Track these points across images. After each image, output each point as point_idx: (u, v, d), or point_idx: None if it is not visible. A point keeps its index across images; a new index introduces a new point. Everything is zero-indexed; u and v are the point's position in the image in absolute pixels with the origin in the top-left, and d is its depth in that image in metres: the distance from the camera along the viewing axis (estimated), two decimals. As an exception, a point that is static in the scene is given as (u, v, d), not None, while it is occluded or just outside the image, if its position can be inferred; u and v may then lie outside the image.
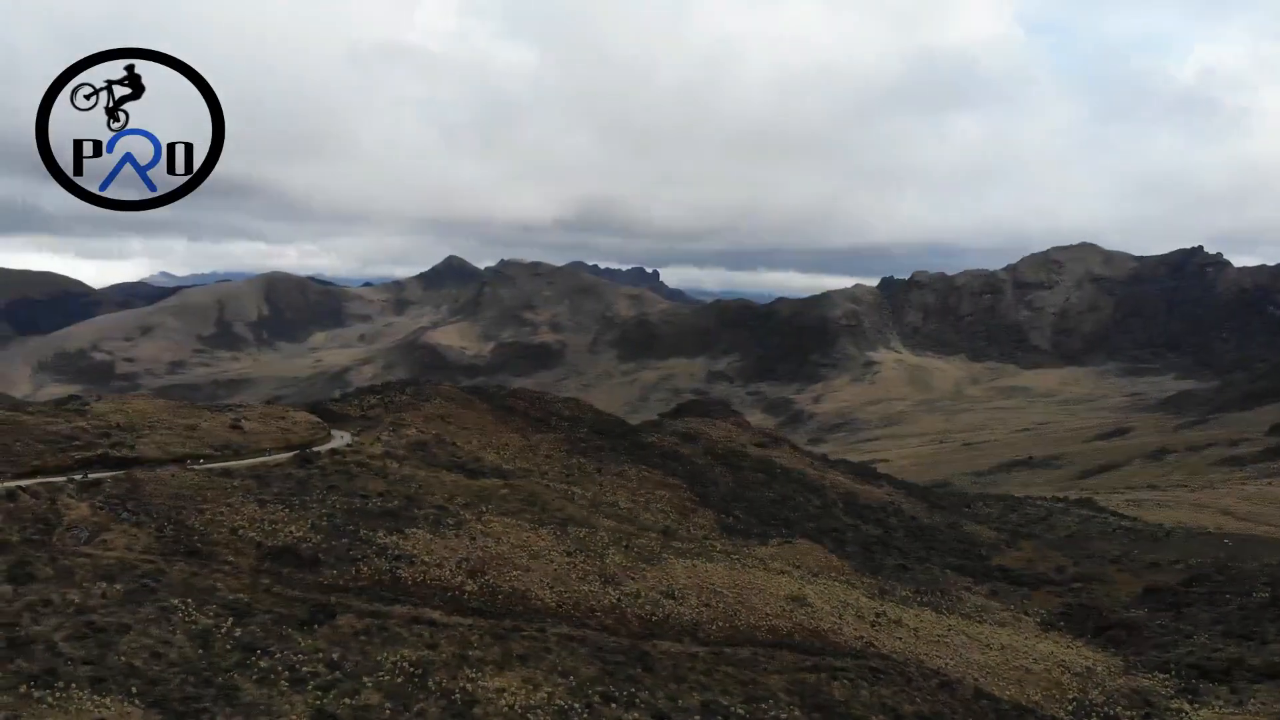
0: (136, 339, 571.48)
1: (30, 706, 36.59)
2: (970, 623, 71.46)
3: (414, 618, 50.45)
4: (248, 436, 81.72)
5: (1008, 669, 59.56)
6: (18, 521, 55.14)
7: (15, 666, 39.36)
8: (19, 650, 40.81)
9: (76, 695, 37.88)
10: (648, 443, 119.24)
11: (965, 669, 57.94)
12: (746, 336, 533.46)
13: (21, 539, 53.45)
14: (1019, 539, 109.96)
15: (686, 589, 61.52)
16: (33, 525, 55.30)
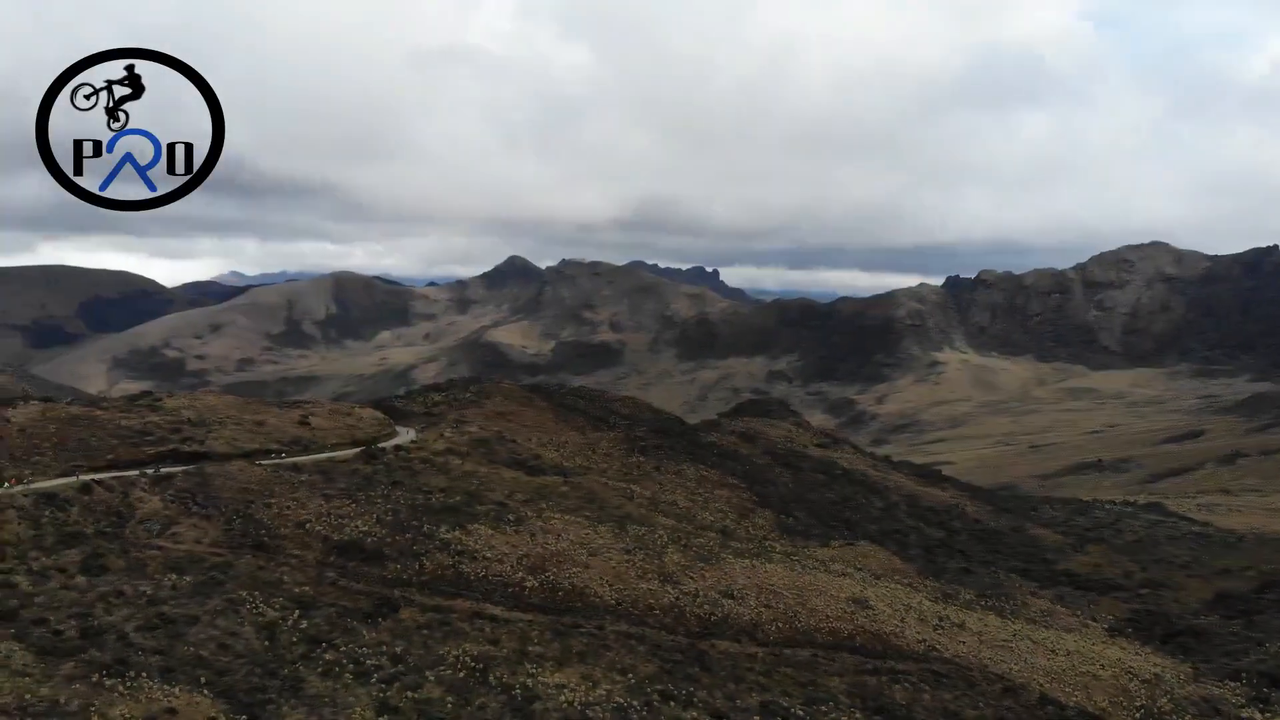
0: (207, 337, 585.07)
1: (102, 695, 37.76)
2: (1035, 628, 70.27)
3: (475, 612, 51.05)
4: (315, 432, 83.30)
5: (1074, 675, 58.46)
6: (92, 514, 56.89)
7: (88, 656, 40.65)
8: (92, 640, 42.13)
9: (146, 684, 38.99)
10: (706, 442, 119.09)
11: (1030, 674, 57.00)
12: (807, 336, 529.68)
13: (96, 531, 55.15)
14: (1086, 543, 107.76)
15: (745, 589, 61.34)
16: (106, 518, 57.02)
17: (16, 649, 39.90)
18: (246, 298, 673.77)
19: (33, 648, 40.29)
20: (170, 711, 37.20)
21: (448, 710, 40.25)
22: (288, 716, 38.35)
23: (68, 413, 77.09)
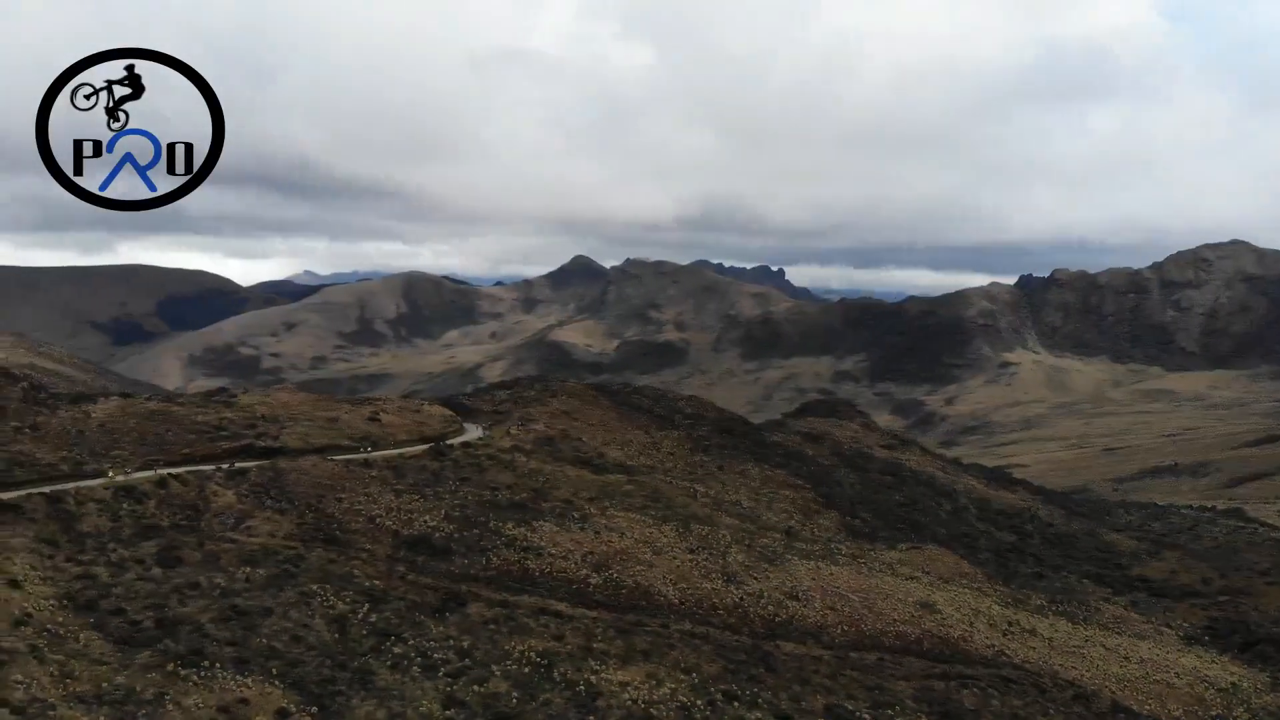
0: (281, 335, 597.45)
1: (176, 684, 38.72)
2: (1108, 634, 68.72)
3: (541, 609, 51.39)
4: (385, 429, 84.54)
5: (1147, 683, 57.06)
6: (168, 507, 58.41)
7: (163, 646, 41.72)
8: (167, 630, 43.23)
9: (220, 675, 39.90)
10: (771, 442, 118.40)
11: (1102, 682, 55.77)
12: (874, 336, 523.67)
13: (171, 524, 56.61)
14: (1162, 549, 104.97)
15: (810, 591, 60.90)
16: (182, 511, 58.51)
17: (95, 638, 41.12)
18: (319, 297, 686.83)
19: (110, 637, 41.48)
20: (243, 701, 38.03)
21: (513, 705, 40.57)
22: (357, 708, 38.98)
23: (146, 408, 79.28)
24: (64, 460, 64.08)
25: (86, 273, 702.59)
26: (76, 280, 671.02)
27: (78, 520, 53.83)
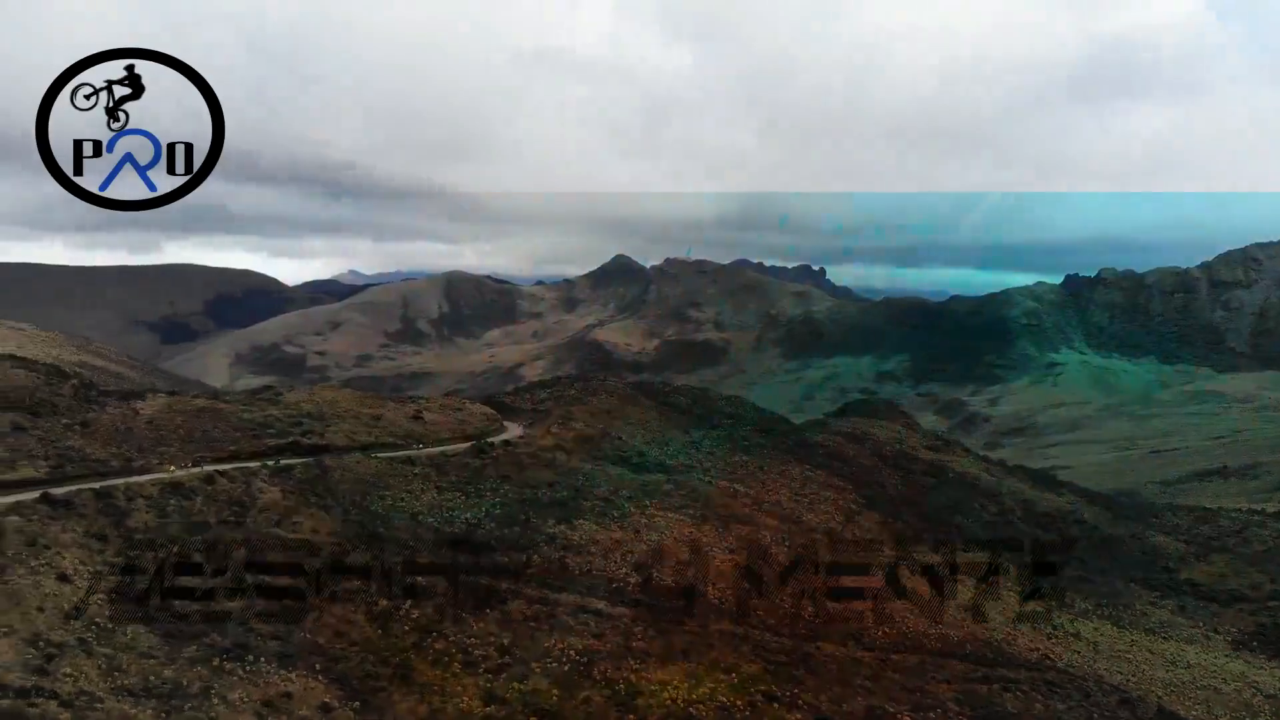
0: (326, 334, 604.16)
1: (222, 678, 39.31)
2: (1154, 638, 67.65)
3: (580, 607, 51.53)
4: (427, 427, 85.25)
5: (1194, 689, 56.08)
6: (215, 504, 59.28)
7: (210, 640, 42.37)
8: (213, 625, 43.93)
9: (265, 669, 40.46)
10: (812, 442, 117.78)
11: (1148, 686, 54.89)
12: (918, 335, 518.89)
13: (218, 520, 57.47)
14: (1210, 553, 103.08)
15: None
16: (229, 508, 59.36)
17: (143, 631, 41.85)
18: (364, 296, 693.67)
19: (158, 631, 42.20)
20: (286, 696, 38.54)
21: (552, 702, 40.74)
22: (398, 704, 39.36)
23: (193, 406, 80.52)
24: (114, 456, 65.28)
25: (135, 272, 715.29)
26: (126, 280, 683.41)
27: (126, 516, 54.82)
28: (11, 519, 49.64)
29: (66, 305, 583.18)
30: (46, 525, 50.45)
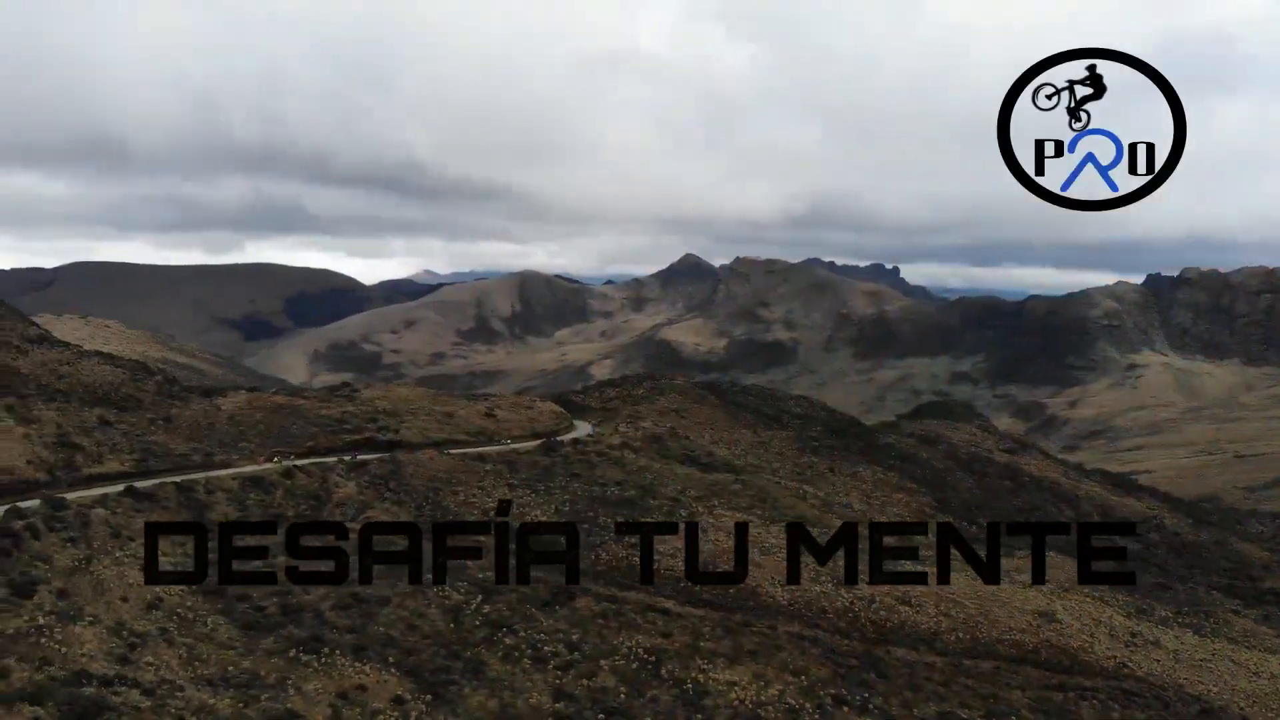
0: (402, 332, 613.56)
1: (298, 670, 40.18)
2: (1237, 648, 65.56)
3: (648, 605, 51.58)
4: (499, 424, 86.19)
5: (1277, 699, 54.24)
6: (293, 498, 60.67)
7: (287, 632, 43.34)
8: (290, 617, 44.89)
9: (340, 661, 41.25)
10: (884, 444, 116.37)
11: (1230, 697, 53.27)
12: (994, 336, 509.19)
13: (296, 514, 58.80)
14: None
15: (924, 597, 59.63)
16: (306, 501, 60.70)
17: (222, 623, 42.96)
18: (438, 295, 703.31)
19: (237, 622, 43.28)
20: (360, 688, 39.23)
21: (621, 700, 40.86)
22: (469, 698, 39.82)
23: (273, 402, 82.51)
24: (195, 451, 67.19)
25: (218, 271, 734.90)
26: (208, 278, 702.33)
27: (208, 509, 56.36)
28: (98, 511, 51.37)
29: (151, 303, 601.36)
30: (131, 517, 52.11)
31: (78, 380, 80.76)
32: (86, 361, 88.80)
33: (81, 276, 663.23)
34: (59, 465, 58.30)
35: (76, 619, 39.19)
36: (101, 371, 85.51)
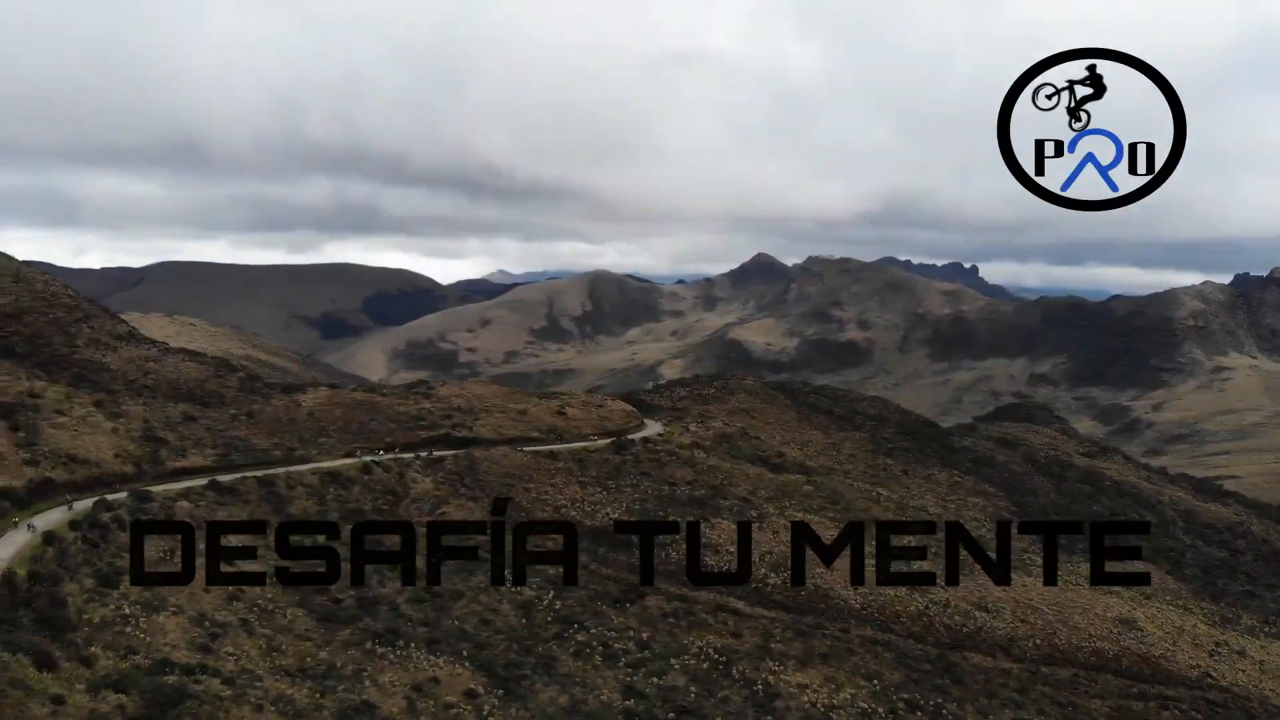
0: (477, 330, 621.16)
1: (373, 662, 40.91)
2: (1334, 663, 63.06)
3: (719, 605, 51.47)
4: (570, 422, 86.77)
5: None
6: (371, 492, 61.83)
7: (363, 624, 44.17)
8: (367, 610, 45.74)
9: (414, 654, 41.90)
10: (960, 447, 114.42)
11: (1325, 714, 51.28)
12: (1075, 337, 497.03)
13: (373, 508, 59.91)
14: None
15: (1001, 602, 58.59)
16: (383, 496, 61.83)
17: (300, 615, 43.93)
18: (511, 295, 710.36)
19: (314, 614, 44.22)
20: (434, 681, 39.81)
21: (691, 699, 40.83)
22: (540, 693, 40.14)
23: (352, 398, 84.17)
24: (276, 446, 68.86)
25: (299, 271, 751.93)
26: (289, 278, 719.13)
27: (288, 503, 57.72)
28: (181, 504, 52.94)
29: (234, 301, 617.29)
30: (213, 510, 53.60)
31: (163, 376, 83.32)
32: (172, 358, 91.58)
33: (168, 275, 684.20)
34: (145, 459, 60.21)
35: (160, 609, 40.39)
36: (186, 368, 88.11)
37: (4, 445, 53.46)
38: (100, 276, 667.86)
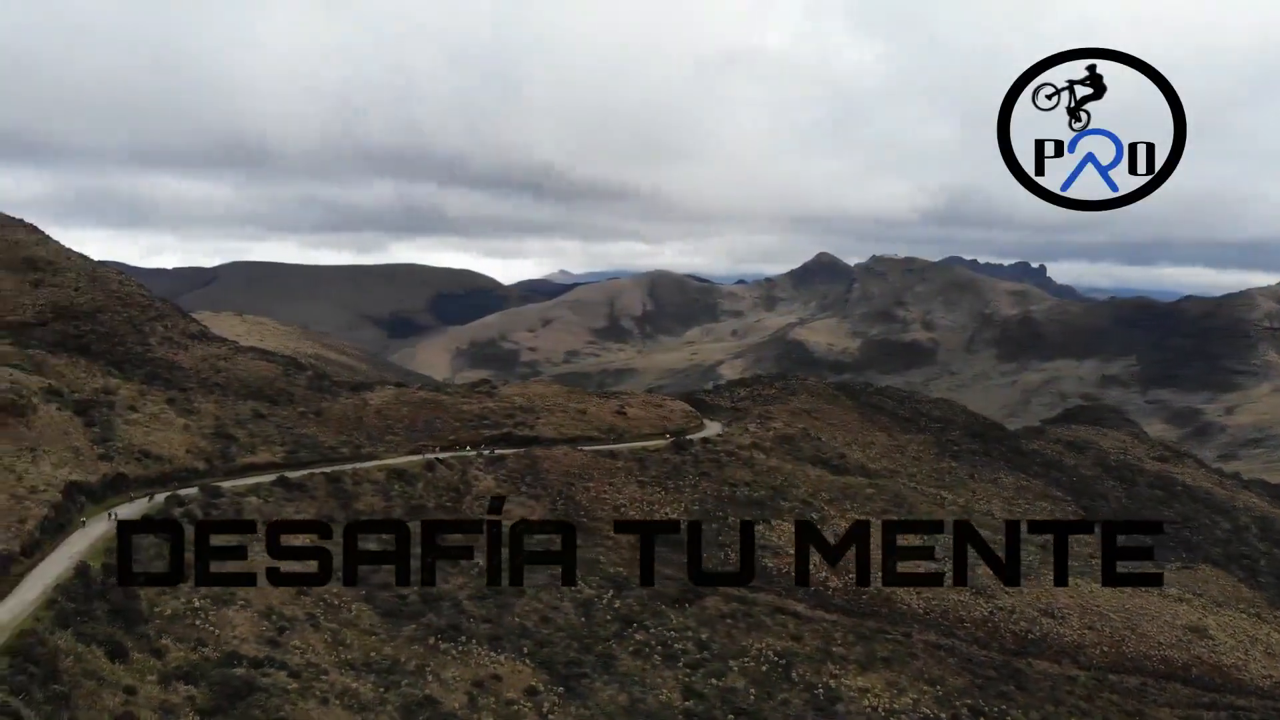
0: (538, 330, 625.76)
1: (436, 657, 41.49)
2: None
3: (778, 608, 51.30)
4: (630, 422, 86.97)
5: None
6: (435, 490, 62.68)
7: (426, 620, 44.82)
8: (430, 606, 46.40)
9: (476, 650, 42.42)
10: (1028, 450, 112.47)
11: None
12: (1146, 338, 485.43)
13: (437, 505, 60.73)
14: None
15: (1068, 609, 57.55)
16: (447, 493, 62.64)
17: (366, 610, 44.72)
18: (572, 295, 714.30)
19: (379, 609, 44.99)
20: (495, 678, 40.27)
21: (750, 702, 40.80)
22: (600, 691, 40.40)
23: (417, 397, 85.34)
24: (343, 444, 70.13)
25: (364, 271, 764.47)
26: (355, 278, 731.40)
27: (354, 500, 58.77)
28: (251, 499, 54.19)
29: (302, 301, 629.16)
30: (281, 506, 54.78)
31: (234, 374, 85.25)
32: (242, 357, 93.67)
33: (238, 275, 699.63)
34: (216, 455, 61.76)
35: (229, 603, 41.38)
36: (256, 366, 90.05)
37: (79, 441, 55.17)
38: (173, 276, 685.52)
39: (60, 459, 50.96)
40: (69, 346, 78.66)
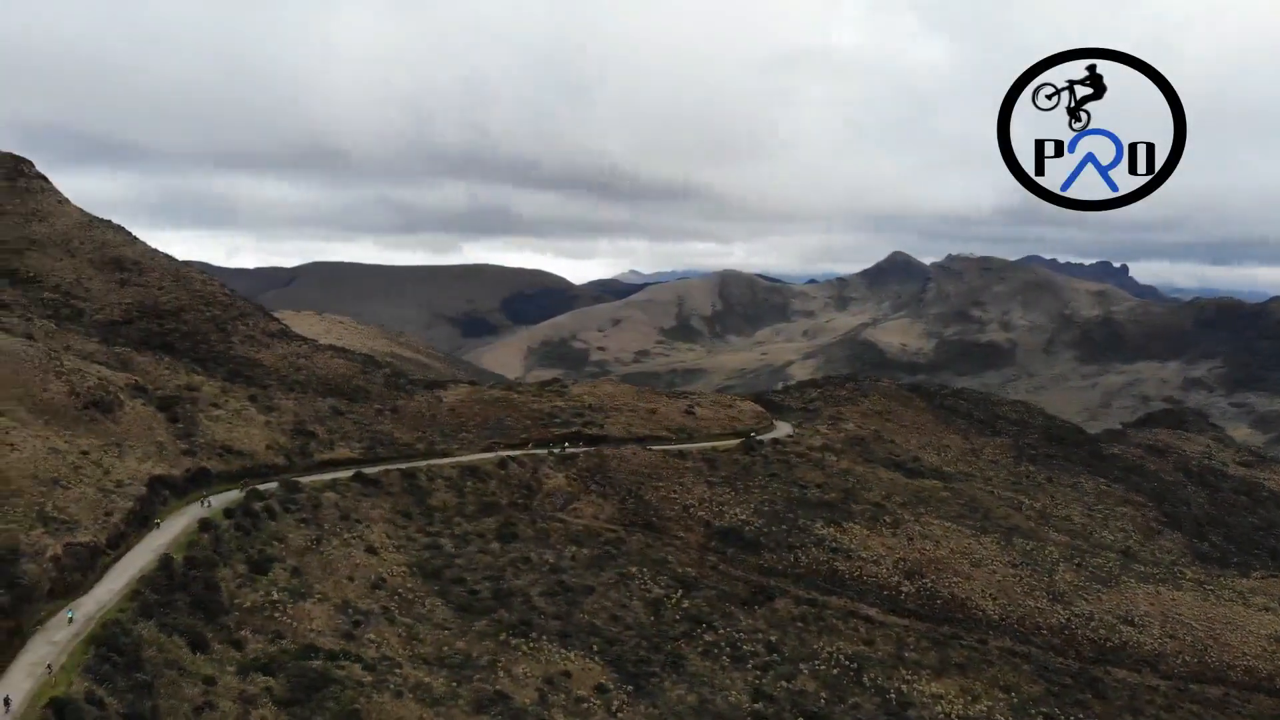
0: (608, 330, 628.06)
1: (507, 653, 41.96)
2: None
3: (850, 611, 50.89)
4: (699, 421, 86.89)
5: None
6: (507, 487, 63.39)
7: (498, 616, 45.35)
8: (502, 601, 46.95)
9: (546, 647, 42.81)
10: (1109, 454, 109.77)
11: None
12: (1232, 340, 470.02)
13: (509, 502, 61.44)
14: None
15: (1148, 616, 56.09)
16: (519, 491, 63.32)
17: (439, 604, 45.42)
18: (642, 295, 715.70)
19: (452, 604, 45.66)
20: (565, 674, 40.60)
21: (821, 705, 40.56)
22: (669, 691, 40.50)
23: (490, 395, 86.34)
24: (418, 440, 71.24)
25: (438, 271, 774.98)
26: (429, 278, 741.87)
27: (428, 495, 59.73)
28: (328, 494, 55.37)
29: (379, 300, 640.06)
30: (358, 501, 55.89)
31: (313, 372, 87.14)
32: (321, 355, 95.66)
33: (317, 275, 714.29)
34: (295, 451, 63.19)
35: (307, 596, 42.35)
36: (335, 364, 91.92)
37: (164, 436, 56.88)
38: (254, 276, 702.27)
39: (145, 454, 52.60)
40: (154, 344, 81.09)
